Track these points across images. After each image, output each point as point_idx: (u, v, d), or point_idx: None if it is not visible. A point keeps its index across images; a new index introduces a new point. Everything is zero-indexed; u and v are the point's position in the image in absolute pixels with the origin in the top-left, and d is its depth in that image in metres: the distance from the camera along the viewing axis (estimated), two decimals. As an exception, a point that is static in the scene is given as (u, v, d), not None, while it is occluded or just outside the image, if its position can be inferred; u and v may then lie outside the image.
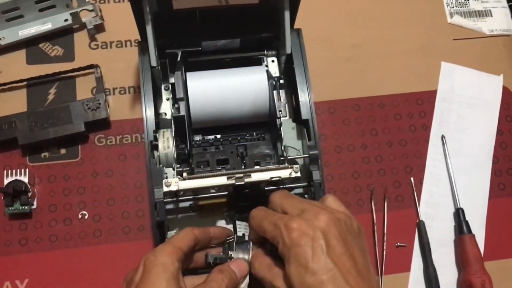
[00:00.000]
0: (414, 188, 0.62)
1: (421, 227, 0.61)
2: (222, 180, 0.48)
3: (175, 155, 0.52)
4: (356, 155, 0.63)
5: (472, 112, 0.66)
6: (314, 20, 0.67)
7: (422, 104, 0.66)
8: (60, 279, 0.56)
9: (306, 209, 0.41)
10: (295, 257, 0.39)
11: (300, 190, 0.55)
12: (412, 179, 0.63)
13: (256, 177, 0.49)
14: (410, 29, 0.69)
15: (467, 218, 0.60)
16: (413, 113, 0.65)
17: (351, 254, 0.39)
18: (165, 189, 0.48)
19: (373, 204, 0.61)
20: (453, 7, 0.70)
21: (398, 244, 0.60)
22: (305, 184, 0.53)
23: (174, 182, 0.48)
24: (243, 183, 0.48)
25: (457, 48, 0.68)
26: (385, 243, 0.60)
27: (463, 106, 0.66)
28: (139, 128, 0.62)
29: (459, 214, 0.61)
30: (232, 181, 0.48)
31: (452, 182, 0.62)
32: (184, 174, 0.49)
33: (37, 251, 0.57)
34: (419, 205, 0.62)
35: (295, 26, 0.56)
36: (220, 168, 0.54)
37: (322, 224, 0.40)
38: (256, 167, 0.51)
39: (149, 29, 0.49)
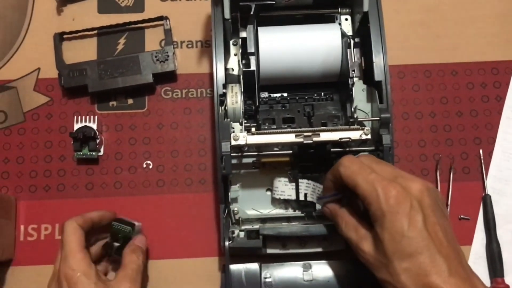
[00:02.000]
0: (482, 161, 0.60)
1: (487, 201, 0.59)
2: (290, 138, 0.48)
3: (242, 110, 0.51)
4: (424, 123, 0.61)
5: (551, 85, 0.62)
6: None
7: (497, 74, 0.63)
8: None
9: (399, 176, 0.41)
10: (391, 223, 0.39)
11: (365, 154, 0.54)
12: (481, 151, 0.60)
13: (325, 136, 0.48)
14: (490, -5, 0.65)
15: (537, 196, 0.58)
16: (487, 83, 0.62)
17: (442, 224, 0.40)
18: (233, 142, 0.48)
19: (438, 174, 0.60)
20: None
21: (462, 216, 0.59)
22: (373, 148, 0.52)
23: (242, 137, 0.48)
24: (311, 142, 0.48)
25: (541, 16, 0.64)
26: (448, 213, 0.58)
27: (542, 79, 0.62)
28: (205, 83, 0.62)
29: (529, 190, 0.58)
30: (300, 139, 0.48)
31: (524, 157, 0.60)
32: (253, 129, 0.49)
33: (102, 196, 0.59)
34: (486, 179, 0.60)
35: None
36: (286, 126, 0.54)
37: (418, 193, 0.40)
38: (325, 127, 0.50)
39: (224, -20, 0.49)
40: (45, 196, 0.59)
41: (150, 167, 0.60)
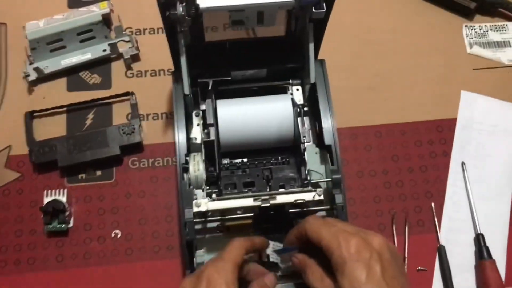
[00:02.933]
0: (434, 213, 0.64)
1: (441, 251, 0.62)
2: (248, 202, 0.51)
3: (204, 178, 0.55)
4: (378, 180, 0.65)
5: (492, 139, 0.67)
6: (337, 51, 0.70)
7: (442, 132, 0.68)
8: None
9: (361, 231, 0.44)
10: (350, 271, 0.41)
11: (323, 213, 0.57)
12: (432, 204, 0.64)
13: (281, 199, 0.51)
14: (430, 60, 0.71)
15: (487, 244, 0.61)
16: (434, 140, 0.67)
17: (399, 278, 0.42)
18: (195, 209, 0.51)
19: (394, 228, 0.63)
20: (472, 38, 0.73)
21: (419, 268, 0.62)
22: (328, 207, 0.55)
23: (203, 203, 0.51)
24: (268, 205, 0.51)
25: (477, 78, 0.71)
26: (406, 267, 0.61)
27: (483, 134, 0.68)
28: (171, 152, 0.66)
29: (479, 239, 0.62)
30: (258, 203, 0.51)
31: (472, 208, 0.64)
32: (213, 196, 0.52)
33: (72, 267, 0.60)
34: (439, 230, 0.63)
35: (319, 57, 0.59)
36: (246, 190, 0.57)
37: (378, 246, 0.43)
38: (281, 190, 0.54)
39: (183, 60, 0.53)
40: (15, 271, 0.60)
41: (119, 236, 0.62)
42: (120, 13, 0.70)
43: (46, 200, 0.61)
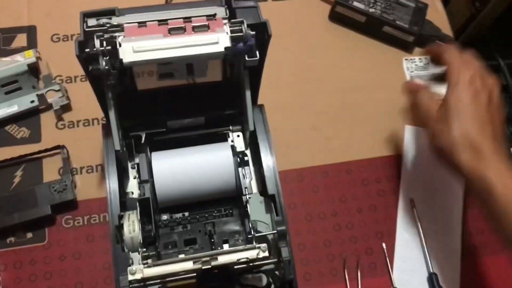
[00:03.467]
0: (386, 254, 0.62)
1: (396, 295, 0.60)
2: (188, 265, 0.48)
3: (140, 239, 0.51)
4: (327, 222, 0.63)
5: (439, 173, 0.67)
6: (278, 88, 0.69)
7: (389, 168, 0.67)
8: None
9: (482, 69, 0.54)
10: (459, 92, 0.52)
11: (271, 266, 0.54)
12: (384, 245, 0.63)
13: (223, 259, 0.48)
14: (373, 95, 0.71)
15: (441, 283, 0.60)
16: (381, 178, 0.66)
17: (496, 116, 0.52)
18: (130, 277, 0.47)
19: (346, 273, 0.61)
20: (413, 71, 0.73)
21: (374, 313, 0.60)
22: (275, 260, 0.52)
23: (139, 270, 0.47)
24: (209, 267, 0.48)
25: (420, 111, 0.70)
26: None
27: (429, 169, 0.67)
28: (107, 207, 0.61)
29: (432, 279, 0.60)
30: (198, 266, 0.48)
31: (423, 246, 0.62)
32: (149, 261, 0.48)
33: None
34: (392, 272, 0.61)
35: (259, 99, 0.57)
36: (188, 248, 0.53)
37: (491, 85, 0.53)
38: (222, 249, 0.51)
39: (112, 115, 0.50)
40: None
41: (53, 305, 0.57)
42: (49, 60, 0.66)
43: (-31, 271, 0.56)
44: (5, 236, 0.59)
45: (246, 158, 0.55)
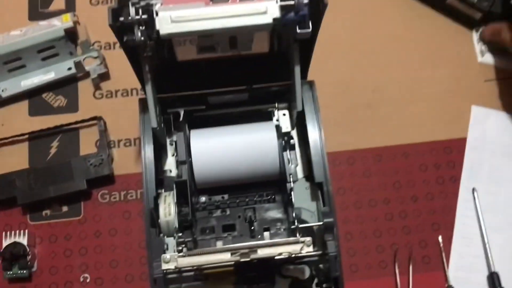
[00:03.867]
0: (442, 249, 0.57)
1: (450, 292, 0.55)
2: (225, 256, 0.44)
3: (176, 224, 0.48)
4: (378, 211, 0.58)
5: (507, 161, 0.60)
6: (331, 61, 0.63)
7: (450, 154, 0.60)
8: None
9: None
10: None
11: (315, 258, 0.50)
12: (440, 238, 0.57)
13: (263, 252, 0.44)
14: (436, 71, 0.63)
15: (503, 284, 0.54)
16: (441, 164, 0.60)
17: None
18: (164, 266, 0.44)
19: (396, 266, 0.56)
20: (484, 45, 0.64)
21: (425, 312, 0.55)
22: (320, 252, 0.48)
23: (173, 259, 0.44)
24: (248, 259, 0.44)
25: (489, 90, 0.63)
26: (410, 311, 0.54)
27: (497, 155, 0.60)
28: (145, 183, 0.59)
29: (493, 278, 0.55)
30: (236, 258, 0.44)
31: (485, 241, 0.56)
32: (184, 249, 0.45)
33: (36, 318, 0.54)
34: (448, 268, 0.56)
35: (309, 75, 0.51)
36: (226, 235, 0.50)
37: None
38: (263, 242, 0.47)
39: (149, 89, 0.46)
40: (-26, 322, 0.54)
41: (88, 280, 0.56)
42: (87, 25, 0.63)
43: (5, 243, 0.55)
44: (41, 208, 0.58)
45: (292, 142, 0.50)
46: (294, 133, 0.53)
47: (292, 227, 0.47)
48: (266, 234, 0.50)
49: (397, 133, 0.61)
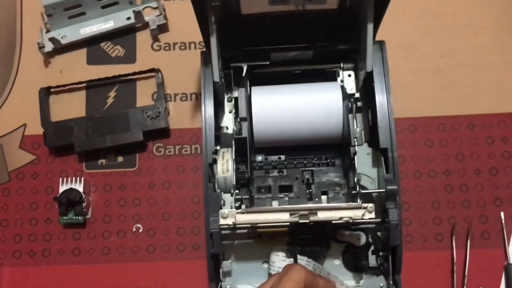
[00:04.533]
0: (504, 225, 0.54)
1: (509, 271, 0.53)
2: (283, 216, 0.43)
3: (234, 181, 0.47)
4: (438, 182, 0.56)
5: None
6: (399, 22, 0.59)
7: (519, 127, 0.57)
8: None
9: None
10: None
11: (372, 225, 0.49)
12: (502, 214, 0.55)
13: (323, 215, 0.43)
14: (509, 38, 0.59)
15: None
16: (508, 138, 0.57)
17: None
18: (222, 221, 0.44)
19: (454, 240, 0.54)
20: None
21: (481, 288, 0.53)
22: (379, 220, 0.46)
23: (231, 215, 0.44)
24: (307, 221, 0.43)
25: None
26: (465, 286, 0.53)
27: None
28: (199, 139, 0.58)
29: (557, 260, 0.52)
30: (295, 219, 0.43)
31: (551, 221, 0.54)
32: (243, 207, 0.44)
33: (90, 263, 0.55)
34: (508, 245, 0.54)
35: (377, 36, 0.49)
36: (282, 196, 0.49)
37: None
38: (324, 205, 0.45)
39: (213, 41, 0.44)
40: (30, 263, 0.56)
41: (140, 231, 0.56)
42: (148, -27, 0.61)
43: (61, 188, 0.55)
44: (96, 157, 0.58)
45: (359, 104, 0.48)
46: (357, 95, 0.51)
47: (353, 192, 0.46)
48: (324, 198, 0.49)
49: (464, 103, 0.58)
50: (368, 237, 0.49)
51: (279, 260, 0.48)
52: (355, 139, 0.46)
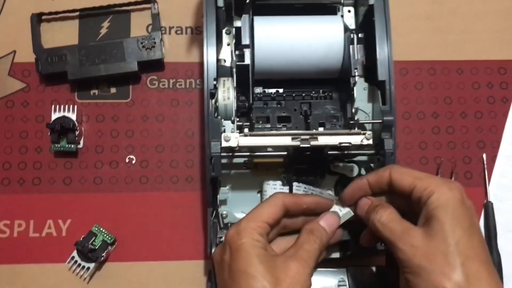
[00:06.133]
0: (485, 166, 0.57)
1: (488, 208, 0.56)
2: (286, 141, 0.44)
3: (235, 107, 0.47)
4: (426, 123, 0.58)
5: (561, 87, 0.59)
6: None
7: (505, 74, 0.59)
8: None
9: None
10: (454, 213, 0.37)
11: (364, 158, 0.51)
12: (484, 155, 0.57)
13: (323, 140, 0.44)
14: (501, -13, 0.61)
15: (541, 204, 0.55)
16: (494, 84, 0.59)
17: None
18: (224, 144, 0.45)
19: (438, 178, 0.56)
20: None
21: (461, 224, 0.56)
22: (373, 152, 0.48)
23: (234, 138, 0.44)
24: (308, 146, 0.44)
25: (553, 14, 0.61)
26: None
27: (552, 80, 0.59)
28: (194, 73, 0.58)
29: (532, 199, 0.55)
30: (297, 143, 0.44)
31: (529, 163, 0.57)
32: (246, 130, 0.45)
33: (81, 192, 0.55)
34: (488, 185, 0.57)
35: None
36: (281, 126, 0.50)
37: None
38: (324, 130, 0.47)
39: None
40: (20, 190, 0.55)
41: (133, 162, 0.56)
42: None
43: (54, 116, 0.55)
44: (89, 87, 0.57)
45: (360, 35, 0.49)
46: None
47: (351, 122, 0.47)
48: (321, 129, 0.50)
49: (453, 48, 0.59)
50: (360, 169, 0.51)
51: (270, 188, 0.50)
52: (356, 69, 0.47)
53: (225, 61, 0.52)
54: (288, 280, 0.37)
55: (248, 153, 0.48)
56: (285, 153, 0.48)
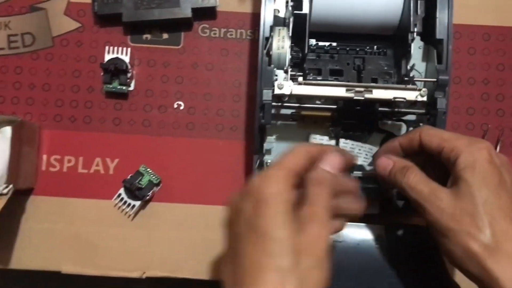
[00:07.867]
0: (534, 136, 0.56)
1: (532, 179, 0.55)
2: (340, 92, 0.45)
3: (288, 57, 0.48)
4: (475, 89, 0.57)
5: None
6: None
7: None
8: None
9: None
10: (482, 172, 0.37)
11: (413, 117, 0.50)
12: (532, 125, 0.57)
13: (377, 94, 0.44)
14: None
15: None
16: (549, 53, 0.58)
17: None
18: (277, 91, 0.45)
19: (484, 145, 0.56)
20: None
21: (503, 192, 0.56)
22: (423, 111, 0.48)
23: (287, 86, 0.45)
24: (362, 98, 0.44)
25: None
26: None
27: None
28: (245, 24, 0.58)
29: None
30: (350, 94, 0.45)
31: None
32: (299, 79, 0.45)
33: (129, 133, 0.57)
34: (534, 155, 0.56)
35: None
36: (332, 79, 0.50)
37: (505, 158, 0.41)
38: (380, 84, 0.47)
39: None
40: (70, 127, 0.57)
41: (181, 108, 0.57)
42: None
43: (107, 57, 0.56)
44: (142, 31, 0.58)
45: (420, -9, 0.48)
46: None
47: (405, 79, 0.47)
48: (380, 84, 0.50)
49: (510, 14, 0.58)
50: (408, 128, 0.51)
51: (317, 142, 0.50)
52: (415, 25, 0.46)
53: (279, 11, 0.52)
54: (309, 250, 0.33)
55: (297, 104, 0.49)
56: (335, 106, 0.49)
